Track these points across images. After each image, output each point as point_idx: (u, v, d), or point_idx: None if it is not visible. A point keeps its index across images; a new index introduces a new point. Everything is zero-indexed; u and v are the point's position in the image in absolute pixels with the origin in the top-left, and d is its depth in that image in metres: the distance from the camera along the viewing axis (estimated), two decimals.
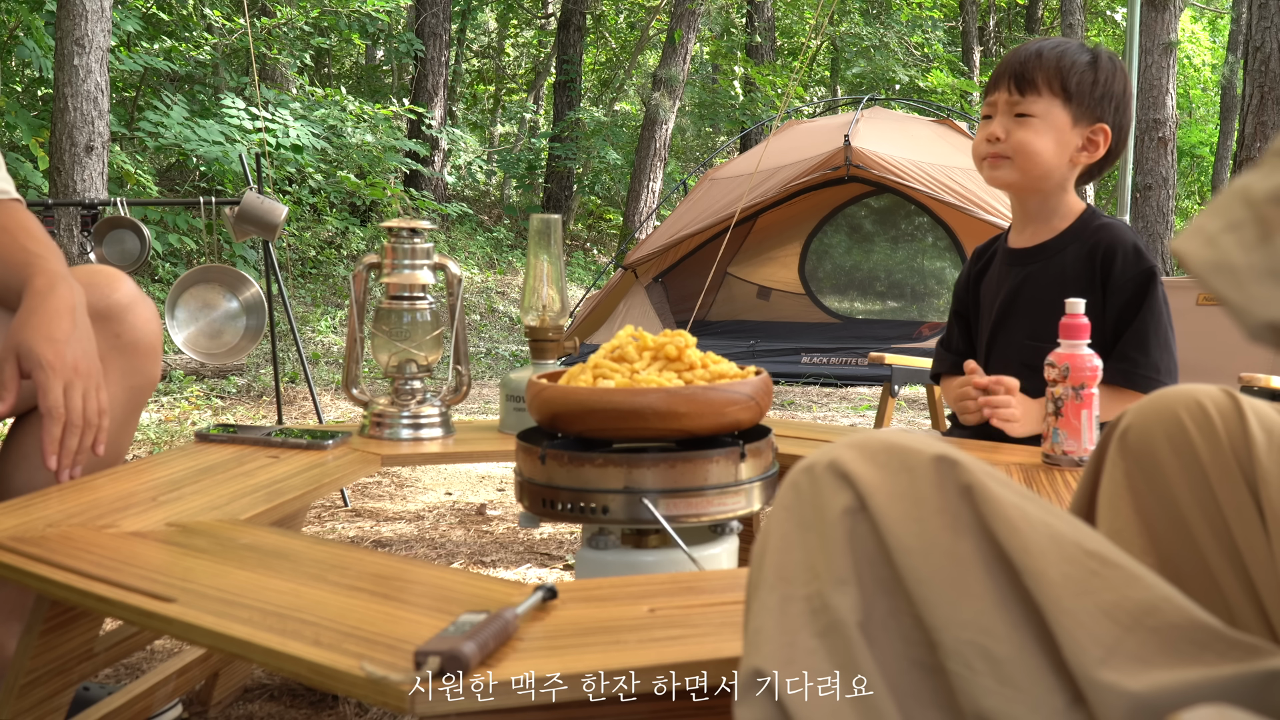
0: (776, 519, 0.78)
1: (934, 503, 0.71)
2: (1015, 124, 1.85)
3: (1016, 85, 1.84)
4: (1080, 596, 0.66)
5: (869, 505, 0.73)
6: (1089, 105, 1.85)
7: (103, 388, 1.50)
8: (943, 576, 0.69)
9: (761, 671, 0.71)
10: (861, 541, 0.72)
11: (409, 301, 1.90)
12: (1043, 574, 0.67)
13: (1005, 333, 1.91)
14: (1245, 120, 5.92)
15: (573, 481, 1.38)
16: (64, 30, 5.17)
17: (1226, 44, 14.67)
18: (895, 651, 0.70)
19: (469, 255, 10.63)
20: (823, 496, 0.75)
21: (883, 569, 0.71)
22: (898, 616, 0.70)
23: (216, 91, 8.77)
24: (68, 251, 4.76)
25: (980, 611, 0.67)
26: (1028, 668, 0.65)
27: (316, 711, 1.78)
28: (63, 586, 1.12)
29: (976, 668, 0.66)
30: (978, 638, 0.66)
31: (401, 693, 0.85)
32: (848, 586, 0.71)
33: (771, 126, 8.29)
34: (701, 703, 0.97)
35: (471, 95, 16.43)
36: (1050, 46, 1.85)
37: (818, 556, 0.73)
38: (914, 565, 0.70)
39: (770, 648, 0.72)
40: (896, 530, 0.71)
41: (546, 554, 2.77)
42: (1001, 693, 0.65)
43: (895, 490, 0.73)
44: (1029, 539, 0.68)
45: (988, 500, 0.70)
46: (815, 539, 0.74)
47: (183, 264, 7.29)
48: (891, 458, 0.75)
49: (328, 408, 4.90)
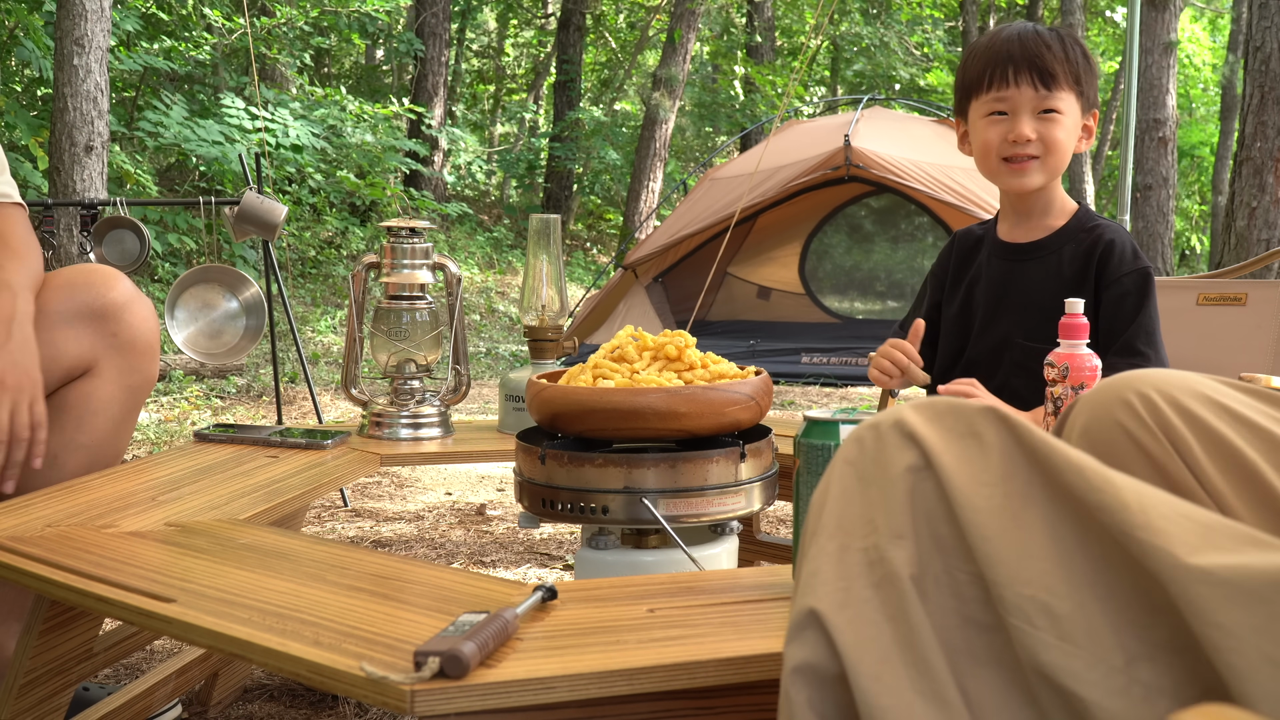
0: (838, 472, 0.80)
1: (1001, 467, 0.73)
2: (1042, 123, 1.75)
3: (1041, 81, 1.74)
4: (1160, 508, 0.68)
5: (934, 464, 0.75)
6: (1090, 93, 1.80)
7: (39, 400, 1.48)
8: (1008, 537, 0.71)
9: (816, 613, 0.73)
10: (923, 499, 0.75)
11: (408, 301, 1.90)
12: (1121, 504, 0.68)
13: (994, 326, 1.87)
14: (1245, 120, 5.92)
15: (573, 481, 1.38)
16: (63, 30, 5.16)
17: (1226, 44, 14.67)
18: (947, 607, 0.72)
19: (469, 255, 10.62)
20: (887, 454, 0.77)
21: (942, 526, 0.74)
22: (952, 574, 0.72)
23: (216, 91, 8.77)
24: (67, 251, 4.75)
25: (1043, 571, 0.69)
26: (1088, 625, 0.67)
27: (316, 711, 1.77)
28: (62, 586, 1.12)
29: (1038, 624, 0.68)
30: (1040, 594, 0.68)
31: (401, 693, 0.85)
32: (904, 541, 0.74)
33: (771, 126, 8.29)
34: (701, 703, 0.97)
35: (471, 95, 16.42)
36: (1046, 35, 1.76)
37: (878, 510, 0.76)
38: (980, 524, 0.72)
39: (826, 590, 0.74)
40: (964, 491, 0.73)
41: (546, 554, 2.77)
42: (1061, 648, 0.67)
43: (963, 454, 0.75)
44: (1100, 480, 0.70)
45: (1051, 457, 0.72)
46: (876, 493, 0.77)
47: (182, 264, 7.28)
48: (958, 421, 0.77)
49: (327, 408, 4.90)
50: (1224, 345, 2.46)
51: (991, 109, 1.78)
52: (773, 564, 1.70)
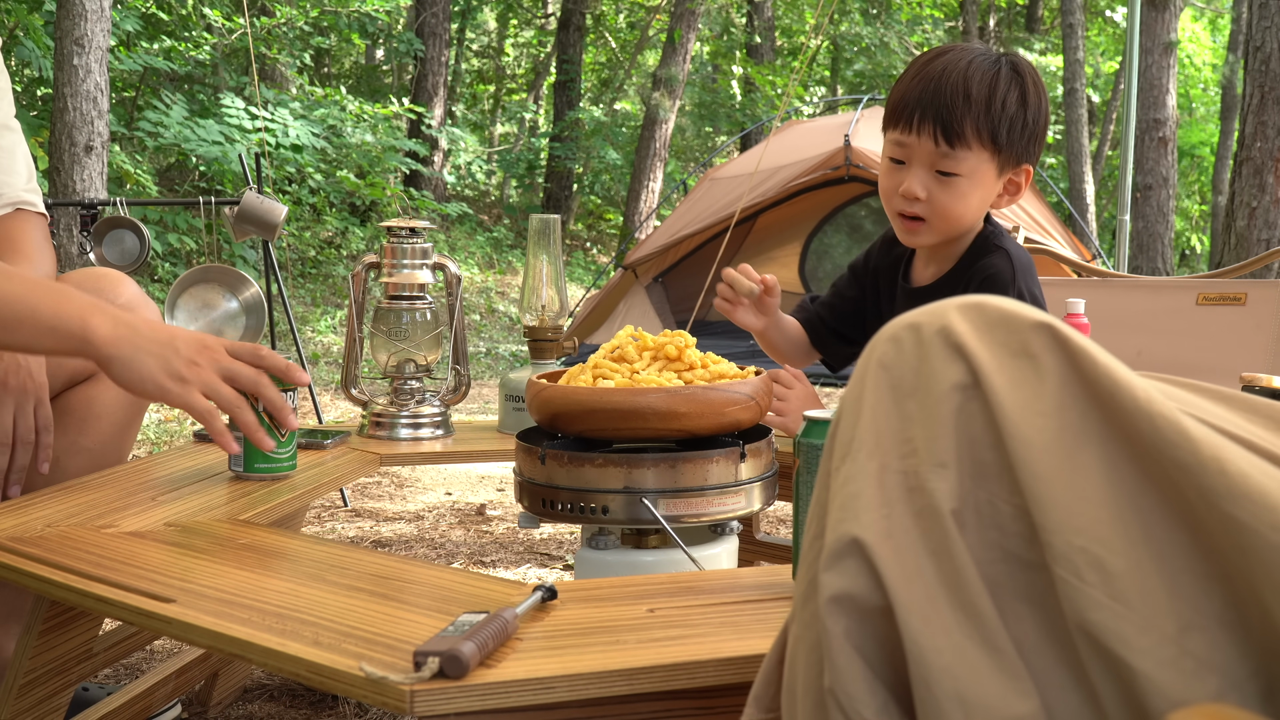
0: (872, 377, 0.72)
1: (1056, 396, 0.66)
2: (937, 184, 1.56)
3: (944, 136, 1.53)
4: (1238, 462, 0.61)
5: (983, 385, 0.68)
6: (1017, 152, 1.58)
7: (44, 403, 1.47)
8: (1061, 478, 0.64)
9: (860, 542, 0.67)
10: (969, 421, 0.67)
11: (408, 301, 1.90)
12: (1199, 464, 0.62)
13: None
14: (1245, 120, 5.91)
15: (573, 481, 1.38)
16: (63, 30, 5.17)
17: (1226, 44, 14.67)
18: (988, 540, 0.66)
19: (469, 255, 10.62)
20: (930, 364, 0.70)
21: (988, 452, 0.67)
22: (996, 505, 0.66)
23: (216, 91, 8.77)
24: (67, 251, 4.75)
25: (1097, 520, 0.63)
26: (1142, 587, 0.61)
27: (316, 711, 1.77)
28: (61, 587, 1.12)
29: (1087, 579, 0.62)
30: (1092, 546, 0.62)
31: (400, 693, 0.85)
32: (947, 470, 0.67)
33: (771, 126, 8.29)
34: (701, 703, 0.97)
35: (471, 95, 16.42)
36: (976, 79, 1.54)
37: (917, 430, 0.69)
38: (1031, 459, 0.65)
39: (870, 517, 0.67)
40: (1015, 419, 0.66)
41: (546, 554, 2.77)
42: (1112, 608, 0.61)
43: (1016, 376, 0.67)
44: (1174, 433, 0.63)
45: (1117, 395, 0.65)
46: (915, 408, 0.69)
47: (182, 264, 7.28)
48: (1010, 335, 0.69)
49: (327, 408, 4.90)
50: (1224, 345, 2.46)
51: (891, 153, 1.60)
52: (773, 564, 1.70)
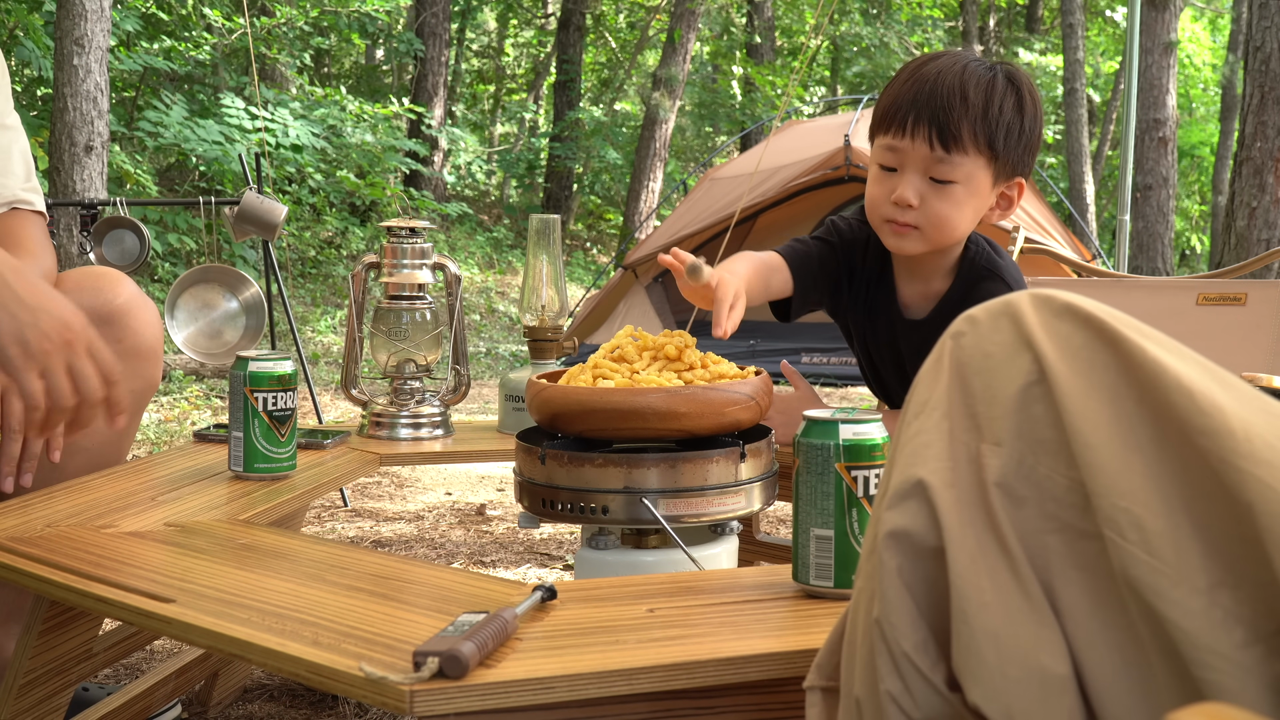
0: (949, 352, 0.80)
1: (1113, 387, 0.73)
2: (932, 190, 1.51)
3: (940, 139, 1.49)
4: (1266, 436, 0.67)
5: (1049, 378, 0.74)
6: (1013, 161, 1.54)
7: (98, 347, 1.31)
8: (1112, 447, 0.71)
9: (925, 484, 0.74)
10: (1031, 408, 0.74)
11: (408, 301, 1.90)
12: (1226, 430, 0.68)
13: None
14: (1245, 120, 5.91)
15: (573, 481, 1.38)
16: (63, 30, 5.16)
17: (1226, 44, 14.67)
18: (1046, 511, 0.72)
19: (469, 255, 10.62)
20: (1001, 355, 0.77)
21: (1047, 430, 0.73)
22: (1054, 478, 0.73)
23: (216, 91, 8.77)
24: (67, 251, 4.75)
25: (1140, 485, 0.69)
26: (1176, 544, 0.67)
27: (316, 711, 1.77)
28: (61, 587, 1.12)
29: (1129, 537, 0.68)
30: (1134, 507, 0.69)
31: (400, 693, 0.85)
32: (1000, 449, 0.74)
33: (771, 126, 8.29)
34: (701, 702, 0.97)
35: (471, 95, 16.42)
36: (972, 83, 1.50)
37: (981, 407, 0.76)
38: (1085, 431, 0.72)
39: (938, 465, 0.75)
40: (1075, 400, 0.73)
41: (546, 554, 2.77)
42: (1149, 563, 0.67)
43: (1076, 366, 0.74)
44: (1208, 404, 0.69)
45: (1161, 376, 0.71)
46: (982, 387, 0.77)
47: (182, 264, 7.28)
48: (1075, 330, 0.76)
49: (327, 408, 4.89)
50: (1223, 345, 2.47)
51: (882, 159, 1.55)
52: (772, 564, 1.70)
